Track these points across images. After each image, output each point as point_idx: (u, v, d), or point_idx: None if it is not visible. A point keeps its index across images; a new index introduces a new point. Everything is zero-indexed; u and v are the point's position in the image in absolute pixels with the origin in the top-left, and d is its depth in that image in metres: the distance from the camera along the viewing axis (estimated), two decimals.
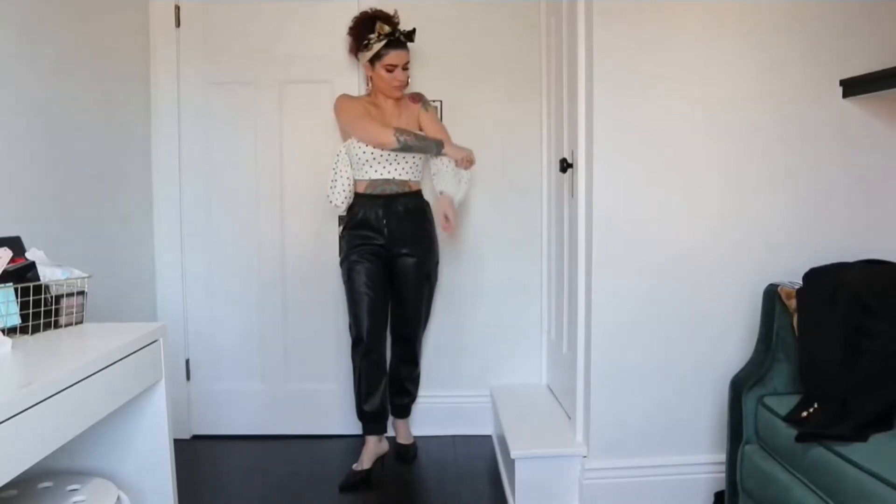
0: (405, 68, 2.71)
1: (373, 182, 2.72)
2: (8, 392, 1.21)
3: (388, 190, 2.72)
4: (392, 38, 2.65)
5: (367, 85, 2.86)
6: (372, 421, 2.74)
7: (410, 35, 2.71)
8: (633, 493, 2.35)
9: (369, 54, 2.69)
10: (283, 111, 3.06)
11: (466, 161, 2.61)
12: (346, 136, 2.78)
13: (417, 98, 2.82)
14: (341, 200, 2.76)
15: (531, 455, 2.41)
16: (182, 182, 3.07)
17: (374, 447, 2.75)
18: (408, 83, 2.78)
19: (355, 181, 2.77)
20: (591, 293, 2.33)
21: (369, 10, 2.75)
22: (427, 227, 2.83)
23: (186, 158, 3.07)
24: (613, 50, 2.25)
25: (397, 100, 2.78)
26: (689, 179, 2.30)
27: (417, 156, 2.73)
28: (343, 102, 2.75)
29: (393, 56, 2.66)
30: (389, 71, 2.68)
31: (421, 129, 2.76)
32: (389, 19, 2.69)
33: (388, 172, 2.71)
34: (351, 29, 2.75)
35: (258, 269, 3.12)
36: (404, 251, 2.75)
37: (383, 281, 2.76)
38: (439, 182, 2.78)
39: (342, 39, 2.92)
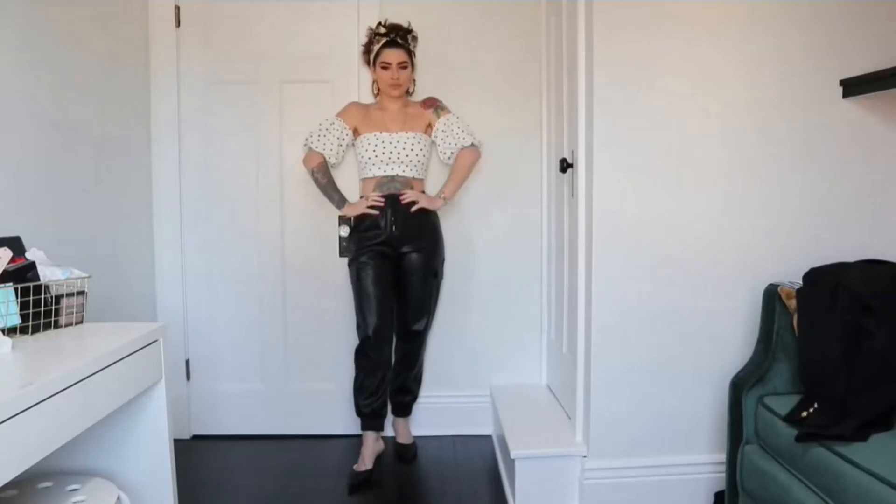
0: (403, 67, 2.77)
1: (379, 181, 2.78)
2: (8, 392, 1.21)
3: (395, 189, 2.77)
4: (387, 38, 2.76)
5: (374, 92, 2.92)
6: (371, 417, 2.76)
7: (405, 35, 2.79)
8: (633, 493, 2.35)
9: (372, 56, 2.81)
10: (283, 111, 3.06)
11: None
12: (355, 133, 2.86)
13: (430, 104, 2.90)
14: (330, 155, 2.84)
15: (531, 455, 2.41)
16: (182, 182, 3.07)
17: (372, 444, 2.76)
18: (406, 83, 2.83)
19: (362, 181, 2.88)
20: (591, 293, 2.33)
21: (380, 22, 2.84)
22: (433, 224, 2.87)
23: (186, 158, 3.07)
24: (614, 50, 2.25)
25: (403, 104, 2.87)
26: (689, 180, 2.30)
27: (421, 155, 2.81)
28: (344, 108, 2.89)
29: (386, 54, 2.76)
30: (385, 69, 2.76)
31: (434, 134, 2.86)
32: (392, 25, 2.79)
33: (392, 169, 2.77)
34: (364, 45, 2.88)
35: (258, 269, 3.12)
36: (411, 249, 2.80)
37: (391, 281, 2.79)
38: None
39: (342, 39, 3.02)
